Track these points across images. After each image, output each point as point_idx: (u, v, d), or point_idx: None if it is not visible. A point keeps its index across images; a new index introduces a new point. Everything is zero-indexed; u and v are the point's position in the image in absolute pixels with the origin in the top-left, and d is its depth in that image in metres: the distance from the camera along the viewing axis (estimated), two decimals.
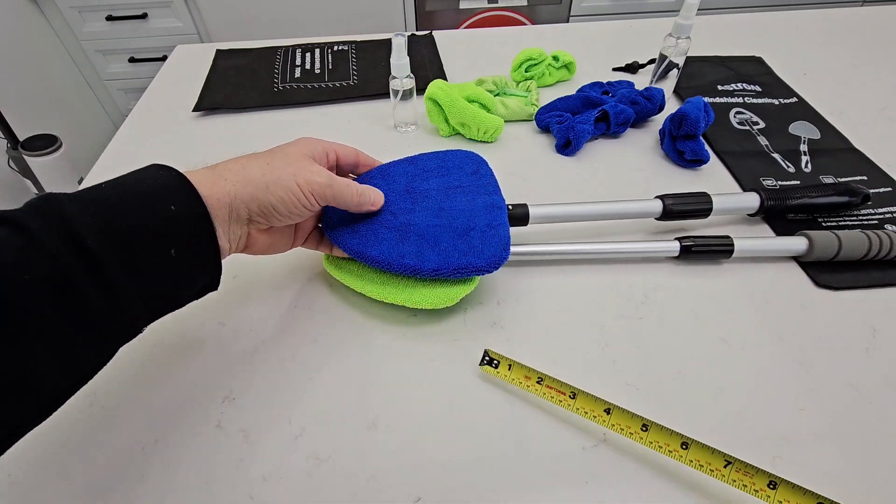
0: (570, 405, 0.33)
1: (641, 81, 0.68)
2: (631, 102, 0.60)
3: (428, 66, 0.73)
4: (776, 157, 0.56)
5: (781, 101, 0.65)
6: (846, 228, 0.47)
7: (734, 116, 0.63)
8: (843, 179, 0.53)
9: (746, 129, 0.61)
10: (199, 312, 0.41)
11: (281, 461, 0.32)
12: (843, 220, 0.48)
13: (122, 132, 0.63)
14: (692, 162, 0.54)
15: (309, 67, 0.74)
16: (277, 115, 0.66)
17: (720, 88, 0.68)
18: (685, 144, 0.54)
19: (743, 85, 0.68)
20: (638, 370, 0.37)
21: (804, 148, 0.57)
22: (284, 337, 0.39)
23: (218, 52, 0.78)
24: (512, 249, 0.45)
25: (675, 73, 0.63)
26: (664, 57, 0.61)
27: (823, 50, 0.77)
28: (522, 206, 0.43)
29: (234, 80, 0.71)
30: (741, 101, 0.65)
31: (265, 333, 0.40)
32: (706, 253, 0.43)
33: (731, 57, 0.74)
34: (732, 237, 0.43)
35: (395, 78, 0.56)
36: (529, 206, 0.44)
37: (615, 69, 0.73)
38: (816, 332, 0.39)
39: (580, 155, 0.58)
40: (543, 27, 0.86)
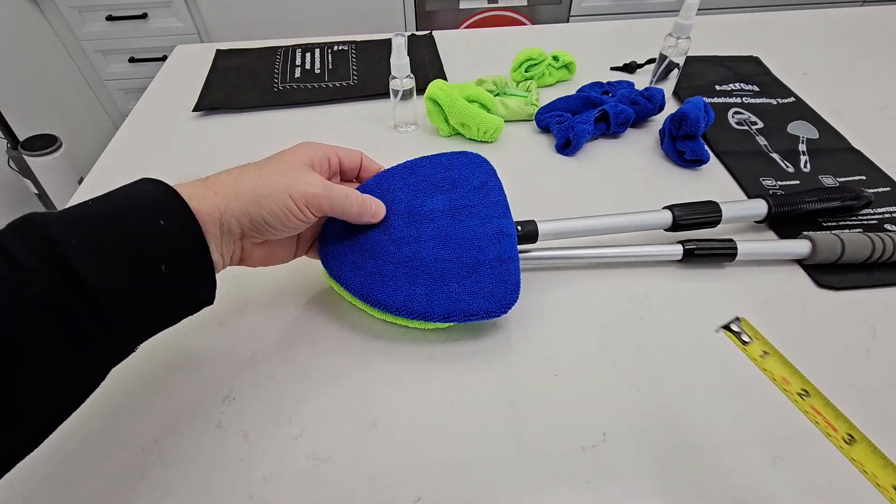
0: (839, 443, 0.26)
1: (640, 81, 0.68)
2: (631, 102, 0.60)
3: (428, 66, 0.73)
4: (775, 157, 0.56)
5: (779, 100, 0.65)
6: (846, 229, 0.47)
7: (732, 116, 0.63)
8: (842, 179, 0.53)
9: (745, 129, 0.61)
10: (199, 313, 0.41)
11: (281, 461, 0.32)
12: (842, 220, 0.48)
13: (122, 132, 0.63)
14: (692, 162, 0.54)
15: (309, 67, 0.74)
16: (277, 115, 0.66)
17: (718, 88, 0.68)
18: (685, 144, 0.54)
19: (741, 85, 0.68)
20: (638, 370, 0.37)
21: (803, 148, 0.57)
22: (284, 337, 0.39)
23: (218, 52, 0.78)
24: None
25: (675, 73, 0.63)
26: (664, 57, 0.61)
27: (822, 50, 0.77)
28: (531, 223, 0.42)
29: (234, 80, 0.71)
30: (739, 101, 0.65)
31: (265, 334, 0.40)
32: (709, 256, 0.43)
33: (728, 57, 0.74)
34: (736, 240, 0.43)
35: (395, 78, 0.56)
36: (538, 222, 0.42)
37: (613, 69, 0.73)
38: (817, 332, 0.39)
39: (580, 155, 0.58)
40: (543, 27, 0.86)
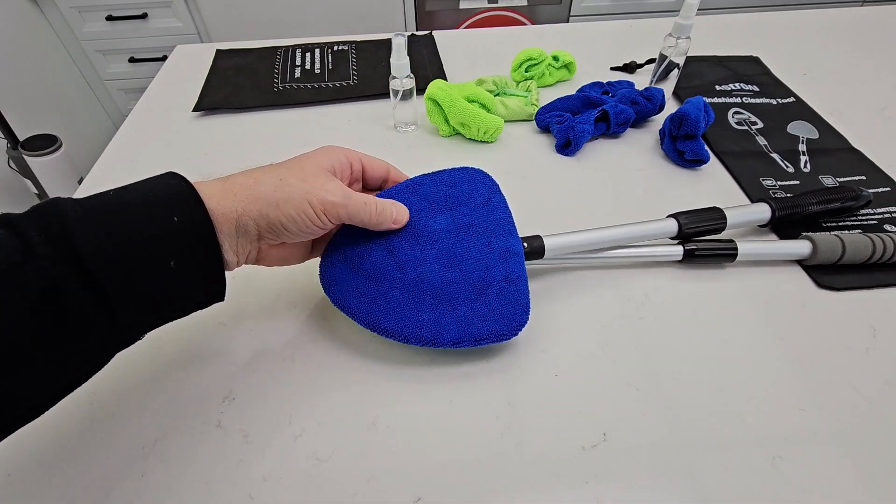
0: None
1: (640, 81, 0.68)
2: (631, 102, 0.60)
3: (428, 66, 0.73)
4: (775, 157, 0.56)
5: (779, 100, 0.65)
6: (846, 229, 0.47)
7: (732, 116, 0.63)
8: (842, 179, 0.53)
9: (745, 129, 0.61)
10: (199, 312, 0.41)
11: (281, 461, 0.32)
12: (842, 220, 0.48)
13: (122, 132, 0.63)
14: (692, 162, 0.54)
15: (309, 67, 0.74)
16: (277, 115, 0.66)
17: (718, 88, 0.68)
18: (685, 144, 0.54)
19: (741, 85, 0.68)
20: (638, 370, 0.37)
21: (803, 148, 0.57)
22: (284, 337, 0.39)
23: (218, 52, 0.78)
24: None
25: (675, 73, 0.63)
26: (664, 57, 0.61)
27: (823, 50, 0.77)
28: (537, 238, 0.41)
29: (234, 80, 0.71)
30: (739, 101, 0.65)
31: (265, 333, 0.40)
32: (710, 257, 0.43)
33: (728, 57, 0.74)
34: (736, 241, 0.43)
35: (395, 78, 0.56)
36: (544, 238, 0.41)
37: (613, 69, 0.73)
38: (817, 332, 0.39)
39: (580, 155, 0.58)
40: (543, 27, 0.86)
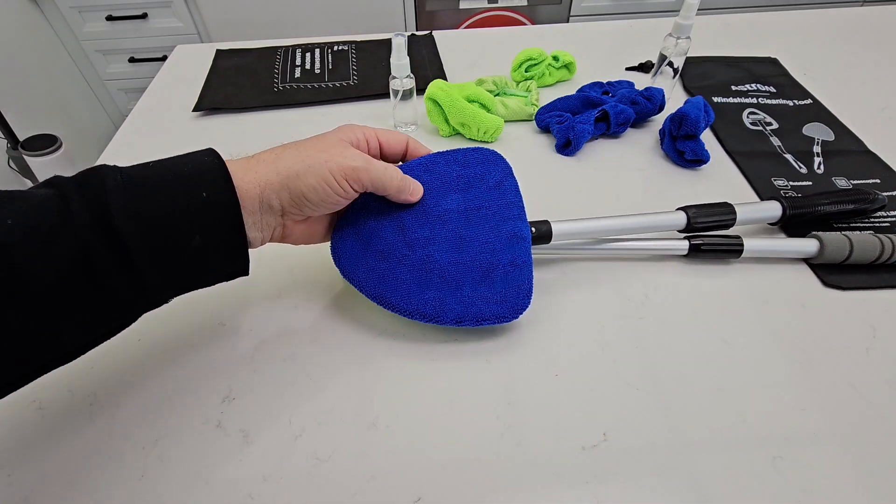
0: None
1: (641, 81, 0.68)
2: (631, 102, 0.60)
3: (428, 66, 0.73)
4: (788, 157, 0.56)
5: (796, 102, 0.65)
6: (858, 230, 0.47)
7: (747, 117, 0.62)
8: (855, 182, 0.52)
9: (759, 129, 0.60)
10: (199, 312, 0.41)
11: (281, 461, 0.32)
12: (853, 222, 0.48)
13: (122, 132, 0.63)
14: (692, 162, 0.54)
15: (309, 67, 0.74)
16: (277, 115, 0.66)
17: (734, 89, 0.68)
18: (685, 144, 0.54)
19: (757, 86, 0.68)
20: (638, 370, 0.37)
21: (817, 149, 0.57)
22: (284, 337, 0.39)
23: (218, 52, 0.78)
24: None
25: (668, 70, 0.63)
26: (664, 57, 0.61)
27: (843, 51, 0.76)
28: (544, 223, 0.41)
29: (234, 80, 0.71)
30: (755, 101, 0.65)
31: (265, 333, 0.40)
32: (715, 252, 0.43)
33: (745, 58, 0.74)
34: (742, 237, 0.43)
35: (395, 78, 0.56)
36: (552, 223, 0.42)
37: (628, 69, 0.73)
38: (817, 331, 0.39)
39: (580, 155, 0.58)
40: (543, 27, 0.86)
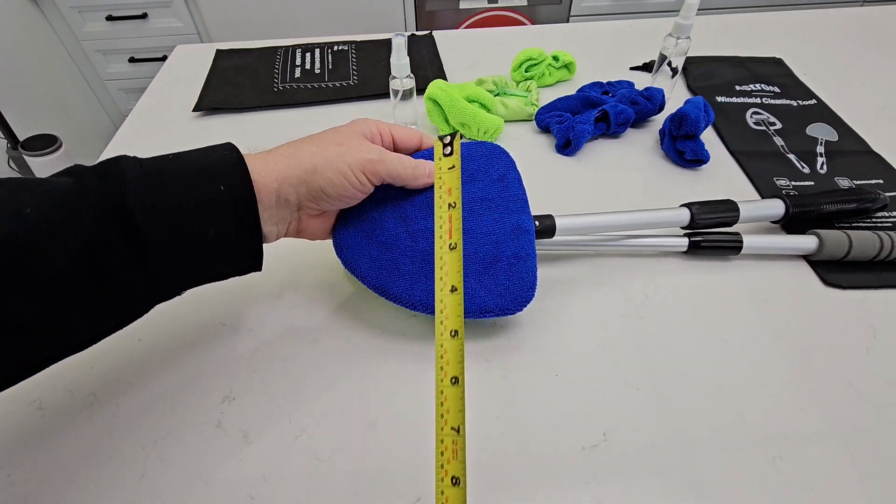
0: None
1: (642, 81, 0.68)
2: (631, 102, 0.60)
3: (428, 66, 0.73)
4: (791, 157, 0.56)
5: (800, 102, 0.65)
6: (858, 229, 0.46)
7: (751, 116, 0.62)
8: (858, 182, 0.52)
9: (762, 129, 0.60)
10: (199, 312, 0.41)
11: (281, 461, 0.32)
12: (855, 221, 0.48)
13: (122, 132, 0.63)
14: (692, 162, 0.54)
15: (309, 67, 0.74)
16: (277, 115, 0.66)
17: (738, 88, 0.68)
18: (685, 144, 0.54)
19: (761, 86, 0.68)
20: (638, 370, 0.37)
21: (821, 149, 0.57)
22: (284, 337, 0.39)
23: (218, 52, 0.78)
24: None
25: (667, 70, 0.63)
26: (664, 57, 0.61)
27: (843, 51, 0.76)
28: (548, 217, 0.42)
29: (234, 80, 0.71)
30: (759, 101, 0.65)
31: (265, 333, 0.40)
32: (714, 249, 0.43)
33: (750, 58, 0.74)
34: (742, 234, 0.43)
35: (395, 78, 0.56)
36: (556, 217, 0.42)
37: (632, 68, 0.73)
38: (817, 331, 0.39)
39: (580, 155, 0.58)
40: (543, 27, 0.86)
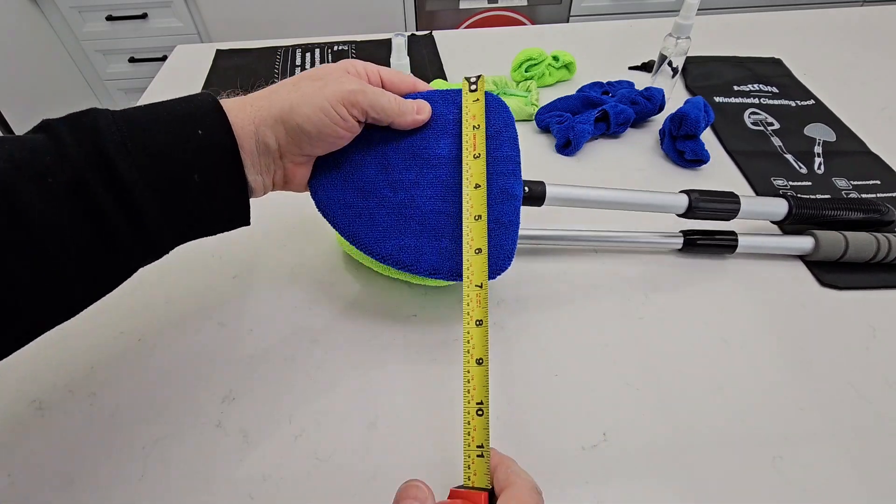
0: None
1: (643, 81, 0.68)
2: (631, 102, 0.60)
3: (428, 66, 0.73)
4: (789, 157, 0.56)
5: (798, 103, 0.65)
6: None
7: (748, 117, 0.63)
8: (855, 183, 0.52)
9: (760, 129, 0.60)
10: (199, 312, 0.41)
11: (281, 461, 0.32)
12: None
13: None
14: (692, 162, 0.54)
15: (309, 67, 0.74)
16: None
17: (736, 89, 0.68)
18: (685, 144, 0.54)
19: (759, 86, 0.68)
20: (638, 370, 0.37)
21: (818, 150, 0.57)
22: (284, 337, 0.39)
23: (218, 52, 0.78)
24: None
25: (667, 69, 0.63)
26: (664, 57, 0.61)
27: (843, 51, 0.76)
28: (539, 184, 0.39)
29: (234, 80, 0.71)
30: (757, 101, 0.65)
31: (265, 333, 0.40)
32: (710, 247, 0.43)
33: (749, 58, 0.74)
34: (737, 233, 0.43)
35: None
36: (547, 185, 0.39)
37: (631, 68, 0.73)
38: (817, 331, 0.39)
39: (580, 155, 0.58)
40: (543, 27, 0.86)
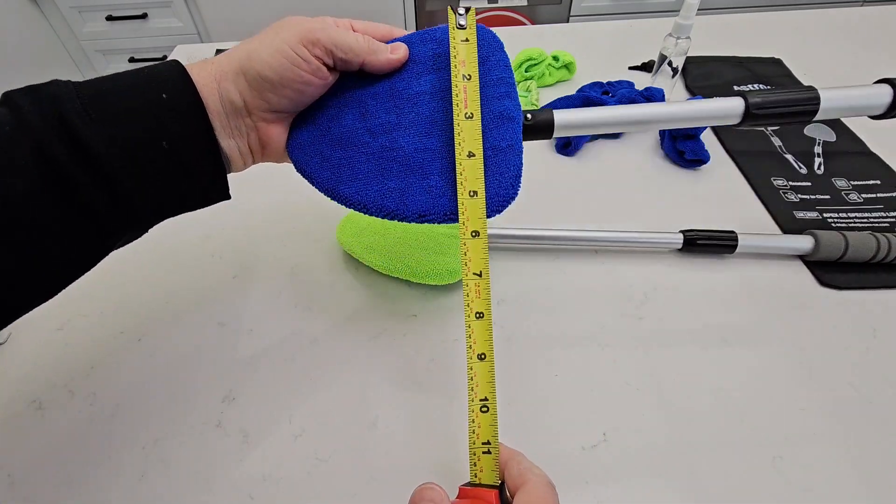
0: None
1: (643, 81, 0.68)
2: (631, 102, 0.59)
3: None
4: (789, 157, 0.56)
5: None
6: (856, 230, 0.46)
7: None
8: (855, 182, 0.52)
9: (760, 129, 0.60)
10: (199, 312, 0.41)
11: (281, 461, 0.32)
12: (853, 221, 0.48)
13: None
14: (692, 162, 0.54)
15: None
16: None
17: (736, 89, 0.68)
18: (685, 144, 0.54)
19: (759, 86, 0.68)
20: (638, 370, 0.37)
21: (818, 150, 0.57)
22: (284, 337, 0.39)
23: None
24: (509, 232, 0.44)
25: (667, 69, 0.63)
26: (664, 57, 0.61)
27: (843, 51, 0.76)
28: (546, 112, 0.33)
29: None
30: None
31: (265, 333, 0.40)
32: (710, 247, 0.43)
33: (749, 58, 0.74)
34: (737, 232, 0.43)
35: None
36: (556, 113, 0.33)
37: (631, 68, 0.73)
38: (817, 331, 0.39)
39: (580, 155, 0.58)
40: (543, 27, 0.86)
